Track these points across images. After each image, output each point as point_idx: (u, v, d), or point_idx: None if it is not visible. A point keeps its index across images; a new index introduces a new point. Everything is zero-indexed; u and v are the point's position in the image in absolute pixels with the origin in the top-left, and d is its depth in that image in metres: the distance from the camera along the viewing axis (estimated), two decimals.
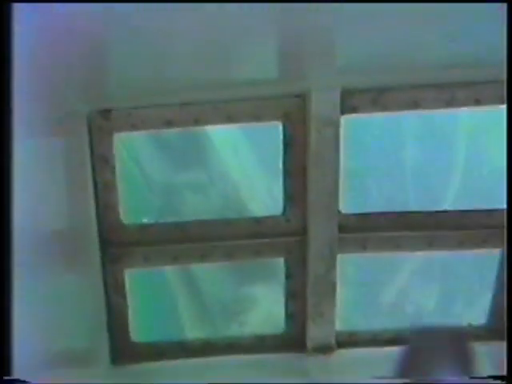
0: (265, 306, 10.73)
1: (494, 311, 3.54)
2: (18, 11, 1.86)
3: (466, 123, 12.04)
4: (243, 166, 12.40)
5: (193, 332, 10.66)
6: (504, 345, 3.47)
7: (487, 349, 3.50)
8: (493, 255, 3.43)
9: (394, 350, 3.49)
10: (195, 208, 11.02)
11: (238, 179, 12.20)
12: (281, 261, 3.45)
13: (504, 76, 2.96)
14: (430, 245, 3.36)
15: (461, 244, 3.36)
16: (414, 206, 3.38)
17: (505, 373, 2.13)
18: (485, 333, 3.56)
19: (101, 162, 3.19)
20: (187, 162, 12.02)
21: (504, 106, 3.04)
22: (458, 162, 12.21)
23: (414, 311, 11.57)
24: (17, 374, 1.88)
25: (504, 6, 2.25)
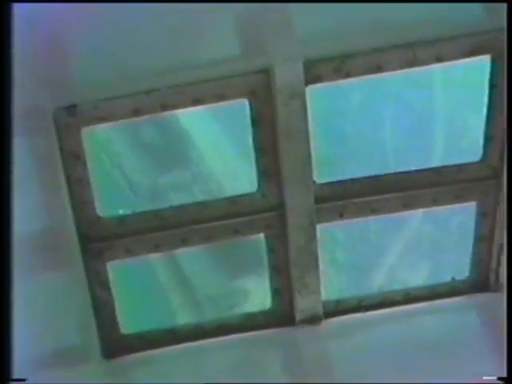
0: (254, 293, 10.72)
1: (475, 264, 3.60)
2: None
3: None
4: (214, 145, 12.42)
5: (182, 318, 10.67)
6: (488, 297, 3.58)
7: (473, 301, 3.59)
8: (469, 209, 3.48)
9: (381, 313, 3.60)
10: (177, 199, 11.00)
11: (213, 160, 12.24)
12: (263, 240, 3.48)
13: (464, 32, 3.03)
14: (405, 205, 3.40)
15: (435, 201, 3.40)
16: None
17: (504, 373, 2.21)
18: (469, 286, 3.62)
19: (71, 158, 3.17)
20: (165, 155, 12.00)
21: (466, 60, 3.10)
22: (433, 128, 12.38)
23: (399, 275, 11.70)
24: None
25: (504, 6, 2.28)
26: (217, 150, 12.63)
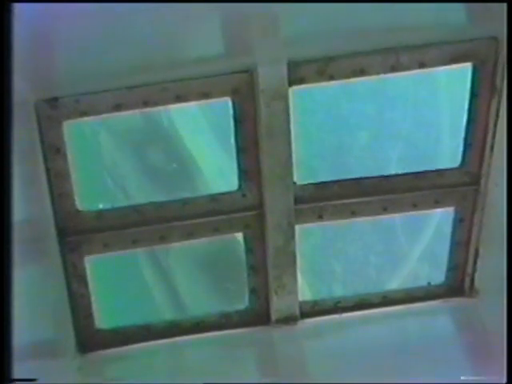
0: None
1: (451, 269, 3.63)
2: None
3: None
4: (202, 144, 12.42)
5: (160, 315, 10.63)
6: (463, 301, 3.62)
7: (448, 305, 3.62)
8: (448, 214, 3.51)
9: (358, 315, 3.63)
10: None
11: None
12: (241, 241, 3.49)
13: (448, 39, 3.06)
14: (385, 209, 3.42)
15: (414, 206, 3.42)
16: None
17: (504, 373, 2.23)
18: (444, 291, 3.65)
19: (52, 150, 3.15)
20: (158, 156, 11.98)
21: (448, 67, 3.12)
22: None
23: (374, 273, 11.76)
24: None
25: (504, 6, 2.30)
26: (205, 148, 12.65)
